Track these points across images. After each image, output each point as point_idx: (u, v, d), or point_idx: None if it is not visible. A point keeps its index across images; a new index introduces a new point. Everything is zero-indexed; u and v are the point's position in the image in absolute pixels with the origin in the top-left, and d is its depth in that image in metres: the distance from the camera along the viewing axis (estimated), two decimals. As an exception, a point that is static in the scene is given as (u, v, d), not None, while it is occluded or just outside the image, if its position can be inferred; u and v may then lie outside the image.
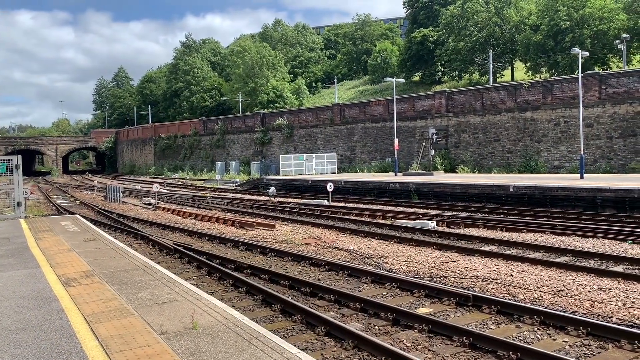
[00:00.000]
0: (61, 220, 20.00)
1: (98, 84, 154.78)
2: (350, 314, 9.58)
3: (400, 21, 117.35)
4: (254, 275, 12.76)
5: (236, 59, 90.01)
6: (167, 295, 8.48)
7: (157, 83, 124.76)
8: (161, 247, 16.74)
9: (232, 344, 6.19)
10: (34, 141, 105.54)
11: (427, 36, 73.90)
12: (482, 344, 7.68)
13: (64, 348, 6.15)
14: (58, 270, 10.40)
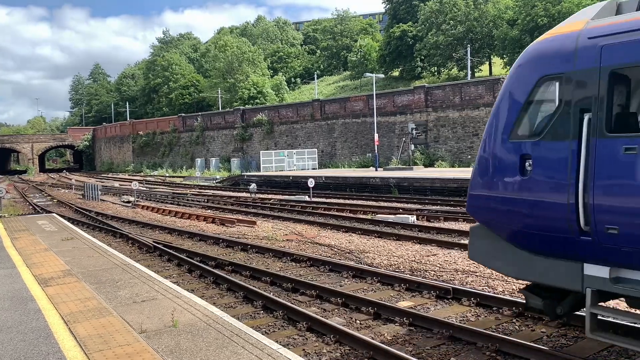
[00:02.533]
0: (38, 219, 19.68)
1: (74, 80, 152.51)
2: (332, 309, 9.61)
3: (379, 16, 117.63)
4: (235, 272, 12.72)
5: (216, 52, 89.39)
6: (146, 293, 8.41)
7: (135, 79, 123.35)
8: (140, 245, 16.57)
9: (213, 341, 6.17)
10: (9, 139, 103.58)
11: (406, 31, 74.25)
12: (462, 335, 7.76)
13: (42, 349, 6.06)
14: (35, 270, 10.24)
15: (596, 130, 5.69)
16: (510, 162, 6.61)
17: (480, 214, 7.30)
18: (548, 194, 6.14)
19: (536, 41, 6.76)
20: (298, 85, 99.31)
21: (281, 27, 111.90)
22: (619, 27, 5.70)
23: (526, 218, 6.46)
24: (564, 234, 6.05)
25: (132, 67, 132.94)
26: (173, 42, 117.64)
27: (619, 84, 5.81)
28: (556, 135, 6.08)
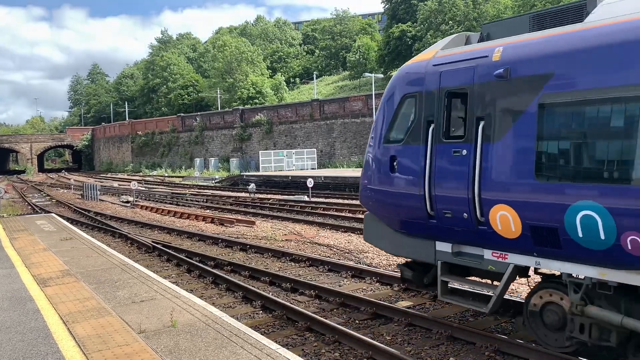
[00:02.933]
0: (37, 219, 19.67)
1: (73, 80, 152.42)
2: (331, 309, 9.61)
3: (378, 16, 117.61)
4: (234, 272, 12.71)
5: (215, 52, 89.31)
6: (145, 293, 8.40)
7: (134, 79, 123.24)
8: (139, 245, 16.57)
9: (212, 341, 6.17)
10: (8, 139, 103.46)
11: (406, 31, 74.26)
12: (461, 335, 7.77)
13: (41, 349, 6.06)
14: (34, 270, 10.23)
15: (437, 137, 7.48)
16: (384, 162, 8.38)
17: (367, 204, 9.07)
18: (408, 187, 7.92)
19: (403, 66, 8.60)
20: (297, 85, 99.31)
21: (280, 27, 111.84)
22: (451, 58, 7.49)
23: (396, 206, 8.24)
24: (420, 218, 7.78)
25: (131, 67, 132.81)
26: (172, 42, 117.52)
27: (452, 102, 7.51)
28: (412, 140, 7.88)
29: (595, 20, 6.19)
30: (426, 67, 7.82)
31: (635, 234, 5.48)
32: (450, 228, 7.40)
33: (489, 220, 6.85)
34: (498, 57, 6.85)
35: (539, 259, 6.62)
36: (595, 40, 5.92)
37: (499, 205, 6.68)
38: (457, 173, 7.15)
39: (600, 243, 5.80)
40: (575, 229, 5.97)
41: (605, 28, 5.93)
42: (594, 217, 5.77)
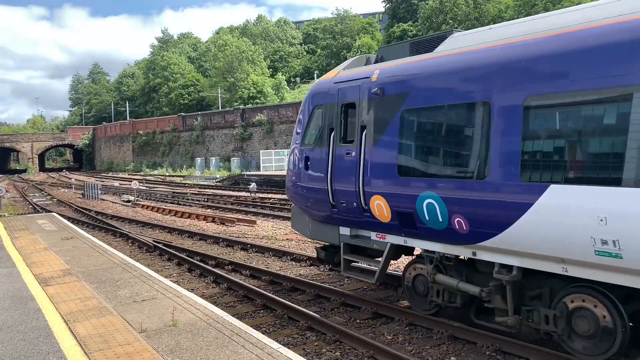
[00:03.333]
0: (38, 218, 19.68)
1: (74, 80, 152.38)
2: (332, 308, 9.61)
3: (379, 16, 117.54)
4: (235, 272, 12.72)
5: (216, 51, 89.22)
6: (146, 292, 8.41)
7: (134, 79, 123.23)
8: (141, 245, 16.58)
9: (213, 341, 6.17)
10: (9, 139, 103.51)
11: (406, 31, 74.29)
12: (462, 334, 7.76)
13: (42, 348, 6.06)
14: (35, 269, 10.24)
15: (336, 141, 9.24)
16: (301, 161, 10.15)
17: (291, 198, 10.94)
18: (317, 182, 9.59)
19: (315, 82, 10.70)
20: (298, 85, 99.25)
21: (281, 27, 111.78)
22: (346, 77, 9.30)
23: (310, 199, 9.96)
24: (327, 208, 9.51)
25: (132, 67, 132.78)
26: (172, 42, 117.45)
27: (347, 113, 9.13)
28: (320, 144, 9.64)
29: (440, 51, 7.97)
30: (329, 84, 9.68)
31: (459, 216, 7.11)
32: (347, 215, 9.16)
33: (370, 208, 8.54)
34: (375, 78, 8.58)
35: (406, 238, 8.30)
36: (436, 67, 7.69)
37: (376, 196, 8.42)
38: (348, 170, 8.92)
39: (440, 224, 7.44)
40: (423, 213, 7.63)
41: (443, 58, 7.70)
42: (434, 204, 7.42)
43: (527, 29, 6.86)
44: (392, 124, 8.14)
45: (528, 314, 6.98)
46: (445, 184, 7.29)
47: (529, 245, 6.43)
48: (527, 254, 6.58)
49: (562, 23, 6.45)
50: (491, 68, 6.85)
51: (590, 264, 5.96)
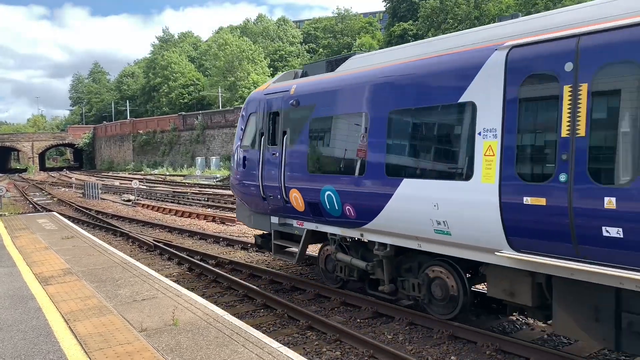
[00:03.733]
0: (38, 218, 19.68)
1: (74, 79, 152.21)
2: (332, 308, 9.61)
3: (379, 15, 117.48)
4: (235, 271, 12.72)
5: (216, 51, 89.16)
6: (147, 292, 8.41)
7: (134, 78, 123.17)
8: (141, 244, 16.58)
9: (213, 340, 6.17)
10: (9, 138, 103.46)
11: (407, 30, 74.19)
12: (463, 334, 7.76)
13: (42, 347, 6.06)
14: (35, 268, 10.24)
15: (265, 144, 10.87)
16: (240, 161, 11.86)
17: (235, 192, 12.72)
18: (253, 179, 11.24)
19: (252, 92, 12.30)
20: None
21: (281, 26, 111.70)
22: (274, 90, 11.01)
23: (248, 193, 11.61)
24: (260, 201, 11.15)
25: (132, 66, 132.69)
26: (173, 41, 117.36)
27: (273, 119, 10.79)
28: (254, 146, 11.33)
29: (338, 71, 9.63)
30: (261, 95, 11.45)
31: (349, 205, 8.81)
32: (275, 207, 10.81)
33: (290, 200, 10.16)
34: (293, 92, 10.24)
35: (317, 224, 9.99)
36: (333, 84, 9.44)
37: (293, 190, 10.05)
38: (274, 169, 10.55)
39: (336, 211, 9.13)
40: (325, 203, 9.28)
41: (338, 77, 9.45)
42: (332, 196, 9.09)
43: (401, 54, 8.47)
44: (304, 130, 9.89)
45: (402, 283, 8.79)
46: (338, 179, 9.04)
47: (393, 226, 8.17)
48: (394, 234, 8.30)
49: (420, 51, 8.06)
50: (367, 86, 8.58)
51: (433, 240, 7.60)
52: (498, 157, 6.53)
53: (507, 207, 6.39)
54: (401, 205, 7.80)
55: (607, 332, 6.11)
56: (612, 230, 5.50)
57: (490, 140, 6.69)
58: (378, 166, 8.22)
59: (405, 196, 7.70)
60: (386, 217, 8.12)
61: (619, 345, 6.05)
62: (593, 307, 6.18)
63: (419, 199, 7.47)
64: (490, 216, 6.60)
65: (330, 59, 10.50)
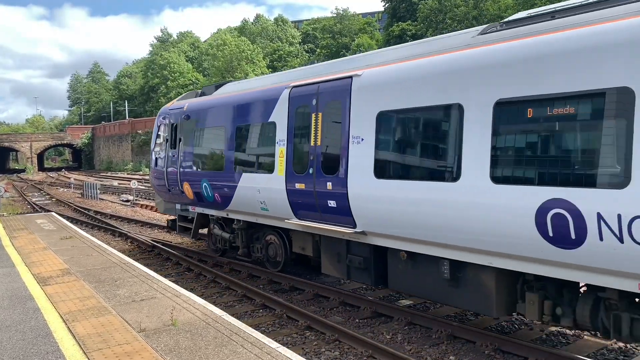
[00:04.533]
0: (37, 218, 19.66)
1: (73, 79, 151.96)
2: (331, 308, 9.61)
3: (378, 15, 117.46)
4: (233, 271, 12.71)
5: (215, 51, 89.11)
6: (145, 292, 8.40)
7: (133, 78, 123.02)
8: (140, 244, 16.57)
9: (212, 340, 6.17)
10: (8, 138, 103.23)
11: (406, 30, 74.16)
12: (462, 333, 7.76)
13: (41, 348, 6.06)
14: (34, 269, 10.23)
15: (169, 147, 14.06)
16: (154, 161, 15.15)
17: (152, 185, 16.04)
18: (160, 174, 14.40)
19: (165, 105, 15.57)
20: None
21: (280, 26, 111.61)
22: (175, 106, 14.38)
23: (159, 185, 14.84)
24: (166, 192, 14.37)
25: (131, 66, 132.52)
26: (172, 41, 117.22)
27: (174, 128, 13.94)
28: (162, 149, 14.52)
29: (214, 94, 13.14)
30: (168, 110, 14.81)
31: (217, 193, 12.00)
32: (176, 196, 14.11)
33: (184, 191, 13.42)
34: (185, 109, 13.61)
35: (202, 208, 13.26)
36: (207, 104, 12.87)
37: (185, 182, 13.32)
38: (174, 166, 13.80)
39: (211, 198, 12.33)
40: (204, 192, 12.52)
41: (210, 99, 12.97)
42: (207, 186, 12.31)
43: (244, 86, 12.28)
44: (191, 138, 13.26)
45: (253, 248, 12.24)
46: (210, 174, 12.33)
47: (241, 207, 11.45)
48: (243, 212, 11.59)
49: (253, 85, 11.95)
50: (224, 107, 12.10)
51: (261, 215, 10.88)
52: (285, 158, 9.76)
53: (290, 191, 9.67)
54: (242, 192, 11.16)
55: (343, 269, 9.44)
56: (332, 202, 8.74)
57: (282, 147, 9.92)
58: (230, 165, 11.56)
59: (244, 185, 11.09)
60: (236, 200, 11.47)
61: (349, 276, 9.43)
62: (336, 253, 9.51)
63: (250, 187, 10.82)
64: (283, 197, 9.81)
65: (216, 83, 14.39)
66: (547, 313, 6.53)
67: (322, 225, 9.08)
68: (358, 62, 9.03)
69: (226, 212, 12.24)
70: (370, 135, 8.03)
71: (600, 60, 5.54)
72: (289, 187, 9.62)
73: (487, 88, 6.48)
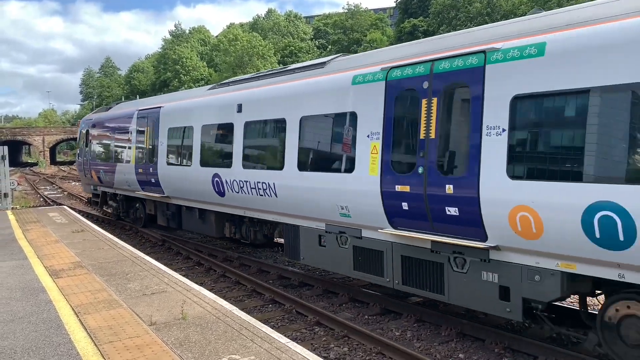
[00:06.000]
0: (49, 211, 19.83)
1: (85, 74, 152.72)
2: (340, 304, 9.62)
3: (390, 11, 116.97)
4: (243, 266, 12.75)
5: (227, 46, 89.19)
6: (156, 286, 8.45)
7: (145, 73, 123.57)
8: (150, 238, 16.66)
9: (222, 334, 6.20)
10: (21, 132, 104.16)
11: (417, 26, 73.79)
12: (471, 331, 7.73)
13: (53, 339, 6.12)
14: (46, 261, 10.33)
15: (84, 148, 21.01)
16: (78, 155, 22.84)
17: (79, 173, 23.68)
18: (81, 166, 21.98)
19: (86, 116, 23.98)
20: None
21: (292, 21, 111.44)
22: (87, 118, 22.32)
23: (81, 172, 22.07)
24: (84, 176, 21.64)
25: (143, 61, 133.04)
26: (184, 36, 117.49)
27: (87, 134, 20.77)
28: (82, 147, 21.54)
29: (107, 112, 19.93)
30: (84, 120, 21.71)
31: (107, 178, 18.32)
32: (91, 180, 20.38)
33: (92, 176, 19.63)
34: (93, 120, 20.38)
35: (103, 188, 19.55)
36: (100, 118, 19.84)
37: (93, 170, 19.60)
38: (87, 159, 19.87)
39: (106, 181, 18.56)
40: (101, 177, 18.66)
41: (104, 114, 20.16)
42: (101, 172, 18.59)
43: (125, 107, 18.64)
44: (94, 140, 19.63)
45: (130, 213, 18.34)
46: (101, 164, 18.45)
47: (120, 185, 17.64)
48: (122, 189, 17.63)
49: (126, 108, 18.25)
50: (112, 121, 18.16)
51: (130, 189, 16.89)
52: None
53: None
54: (119, 176, 16.95)
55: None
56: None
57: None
58: (110, 158, 17.68)
59: (120, 170, 16.79)
60: (117, 181, 17.39)
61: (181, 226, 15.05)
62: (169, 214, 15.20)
63: (128, 173, 15.89)
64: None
65: (117, 102, 21.88)
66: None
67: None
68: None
69: (114, 189, 18.41)
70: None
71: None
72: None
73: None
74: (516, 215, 6.19)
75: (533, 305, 6.43)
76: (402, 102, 7.72)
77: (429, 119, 7.17)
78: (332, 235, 9.04)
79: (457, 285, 7.14)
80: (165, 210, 15.23)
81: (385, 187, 7.70)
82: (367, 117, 8.10)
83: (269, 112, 10.32)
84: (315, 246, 9.48)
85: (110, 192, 18.86)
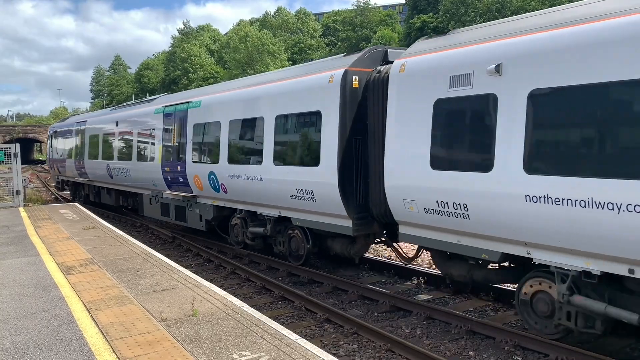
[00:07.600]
0: (60, 208, 20.00)
1: (95, 72, 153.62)
2: (350, 301, 9.62)
3: (399, 7, 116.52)
4: (253, 263, 12.79)
5: (237, 43, 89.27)
6: (167, 282, 8.51)
7: (154, 70, 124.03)
8: (160, 235, 16.76)
9: (232, 331, 6.22)
10: (32, 129, 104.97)
11: (427, 22, 73.42)
12: (481, 329, 7.72)
13: (65, 335, 6.18)
14: (58, 258, 10.42)
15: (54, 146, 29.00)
16: (49, 153, 31.76)
17: (50, 168, 33.69)
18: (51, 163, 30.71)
19: (52, 124, 36.34)
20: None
21: (301, 18, 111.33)
22: (55, 125, 31.38)
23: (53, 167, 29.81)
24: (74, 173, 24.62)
25: (152, 59, 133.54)
26: (193, 34, 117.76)
27: (53, 136, 29.39)
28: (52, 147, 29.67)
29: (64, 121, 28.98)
30: (51, 127, 31.27)
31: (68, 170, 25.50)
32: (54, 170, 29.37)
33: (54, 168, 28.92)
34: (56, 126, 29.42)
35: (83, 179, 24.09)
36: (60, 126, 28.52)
37: (55, 164, 28.45)
38: (58, 156, 27.48)
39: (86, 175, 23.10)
40: (63, 169, 26.71)
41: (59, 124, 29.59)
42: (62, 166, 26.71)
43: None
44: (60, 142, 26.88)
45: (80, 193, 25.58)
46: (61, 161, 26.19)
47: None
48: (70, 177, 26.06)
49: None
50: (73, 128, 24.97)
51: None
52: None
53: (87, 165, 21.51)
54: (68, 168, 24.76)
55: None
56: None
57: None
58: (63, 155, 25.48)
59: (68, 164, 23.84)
60: (67, 172, 25.04)
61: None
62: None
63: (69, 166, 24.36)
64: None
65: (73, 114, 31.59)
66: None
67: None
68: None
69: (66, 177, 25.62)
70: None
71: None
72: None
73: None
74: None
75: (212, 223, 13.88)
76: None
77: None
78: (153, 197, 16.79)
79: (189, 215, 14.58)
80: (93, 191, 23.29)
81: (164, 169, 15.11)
82: None
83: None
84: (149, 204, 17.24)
85: (71, 181, 26.00)
